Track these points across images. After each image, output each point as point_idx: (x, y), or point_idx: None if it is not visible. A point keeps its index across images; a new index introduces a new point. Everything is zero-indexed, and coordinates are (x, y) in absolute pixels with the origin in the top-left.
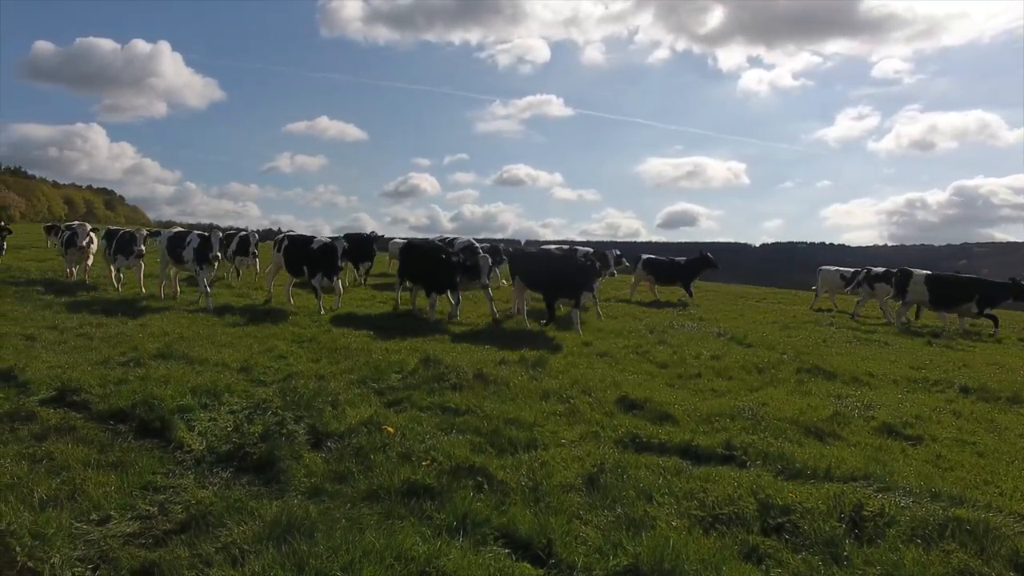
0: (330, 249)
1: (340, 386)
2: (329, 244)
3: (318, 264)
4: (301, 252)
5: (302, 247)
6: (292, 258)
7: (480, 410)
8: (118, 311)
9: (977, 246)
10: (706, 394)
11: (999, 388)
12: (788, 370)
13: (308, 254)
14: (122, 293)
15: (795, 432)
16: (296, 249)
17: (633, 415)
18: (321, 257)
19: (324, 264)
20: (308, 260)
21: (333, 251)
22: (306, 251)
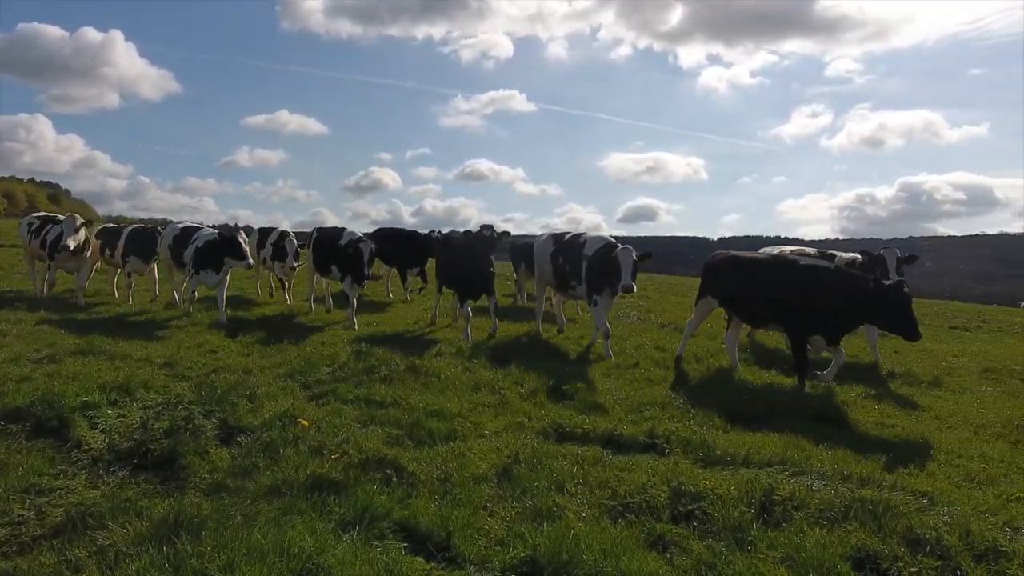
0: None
1: (264, 380)
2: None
3: (350, 265)
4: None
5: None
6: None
7: (405, 402)
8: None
9: (921, 240)
10: (641, 384)
11: (922, 373)
12: (726, 359)
13: (336, 252)
14: (127, 306)
15: (724, 420)
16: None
17: (564, 405)
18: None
19: (355, 265)
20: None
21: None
22: (334, 248)
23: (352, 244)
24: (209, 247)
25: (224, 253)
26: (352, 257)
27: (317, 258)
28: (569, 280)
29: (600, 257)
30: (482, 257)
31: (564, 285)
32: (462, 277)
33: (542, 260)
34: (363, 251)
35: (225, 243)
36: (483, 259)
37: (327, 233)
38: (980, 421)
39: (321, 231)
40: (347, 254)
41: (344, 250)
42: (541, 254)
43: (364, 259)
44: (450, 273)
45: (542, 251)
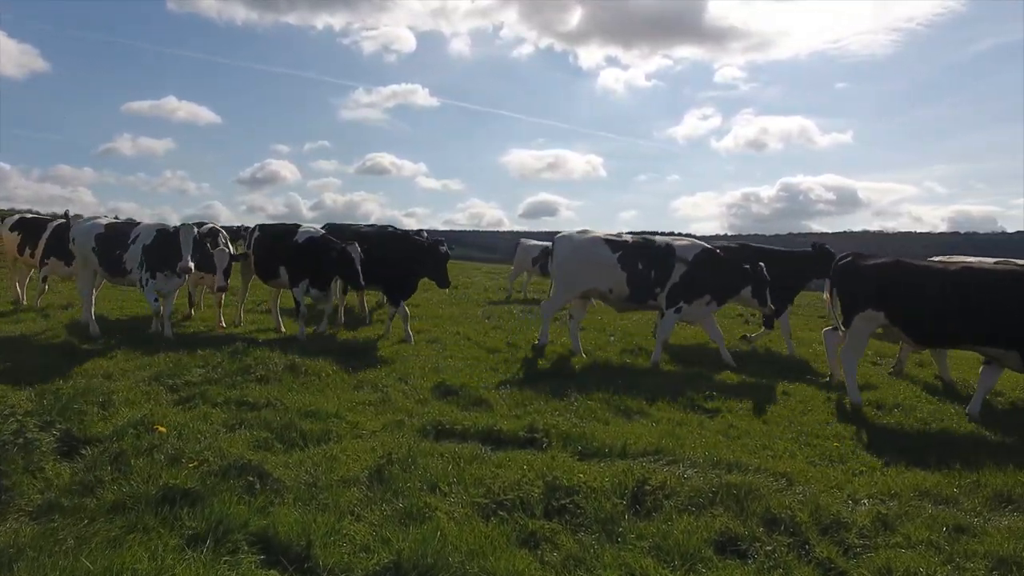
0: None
1: (125, 384)
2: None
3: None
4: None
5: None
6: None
7: (280, 403)
8: None
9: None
10: (530, 377)
11: (786, 359)
12: (613, 351)
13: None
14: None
15: (605, 412)
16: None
17: (447, 401)
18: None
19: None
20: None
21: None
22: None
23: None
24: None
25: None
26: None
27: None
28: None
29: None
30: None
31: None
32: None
33: None
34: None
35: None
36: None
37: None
38: (838, 403)
39: (266, 228)
40: (329, 259)
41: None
42: None
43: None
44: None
45: None
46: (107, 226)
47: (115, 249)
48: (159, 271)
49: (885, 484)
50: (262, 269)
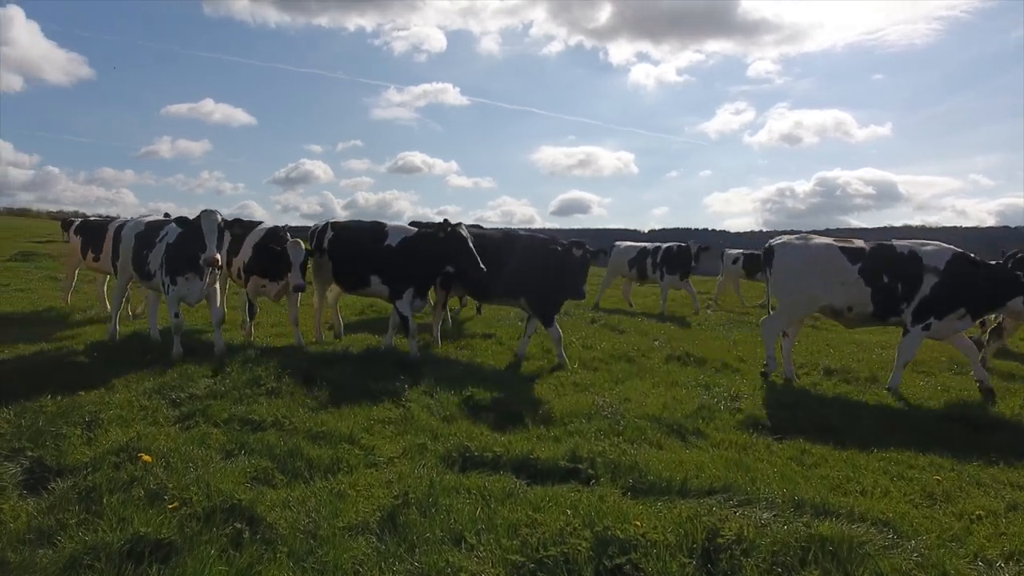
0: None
1: (120, 398)
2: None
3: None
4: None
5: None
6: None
7: (288, 422)
8: None
9: (836, 231)
10: (566, 389)
11: (858, 368)
12: (658, 358)
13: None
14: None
15: (656, 432)
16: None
17: (476, 419)
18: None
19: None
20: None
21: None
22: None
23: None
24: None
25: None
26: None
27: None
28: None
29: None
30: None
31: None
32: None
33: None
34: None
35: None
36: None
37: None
38: (922, 420)
39: (343, 227)
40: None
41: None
42: None
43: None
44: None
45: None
46: (147, 224)
47: (144, 248)
48: (180, 274)
49: (1018, 537)
50: (345, 277)
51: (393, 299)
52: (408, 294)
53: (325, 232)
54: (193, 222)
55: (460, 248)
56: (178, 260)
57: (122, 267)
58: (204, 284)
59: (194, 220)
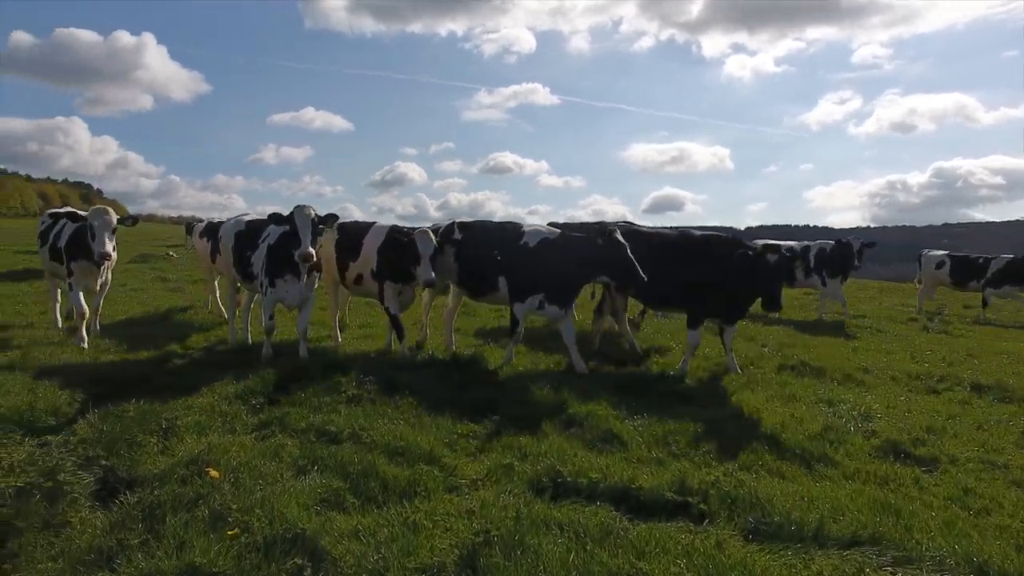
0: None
1: (203, 402)
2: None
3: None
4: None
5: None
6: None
7: (366, 434)
8: None
9: (957, 227)
10: (671, 402)
11: (1018, 385)
12: (769, 367)
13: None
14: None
15: (774, 457)
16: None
17: (570, 434)
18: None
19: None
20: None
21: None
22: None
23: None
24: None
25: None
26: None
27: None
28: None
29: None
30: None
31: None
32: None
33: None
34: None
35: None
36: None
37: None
38: None
39: (471, 227)
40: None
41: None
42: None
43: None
44: None
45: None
46: (248, 223)
47: (246, 249)
48: (279, 276)
49: None
50: (471, 279)
51: (512, 301)
52: (533, 300)
53: (451, 232)
54: (287, 218)
55: (616, 255)
56: (278, 262)
57: (225, 268)
58: (303, 286)
59: (287, 216)
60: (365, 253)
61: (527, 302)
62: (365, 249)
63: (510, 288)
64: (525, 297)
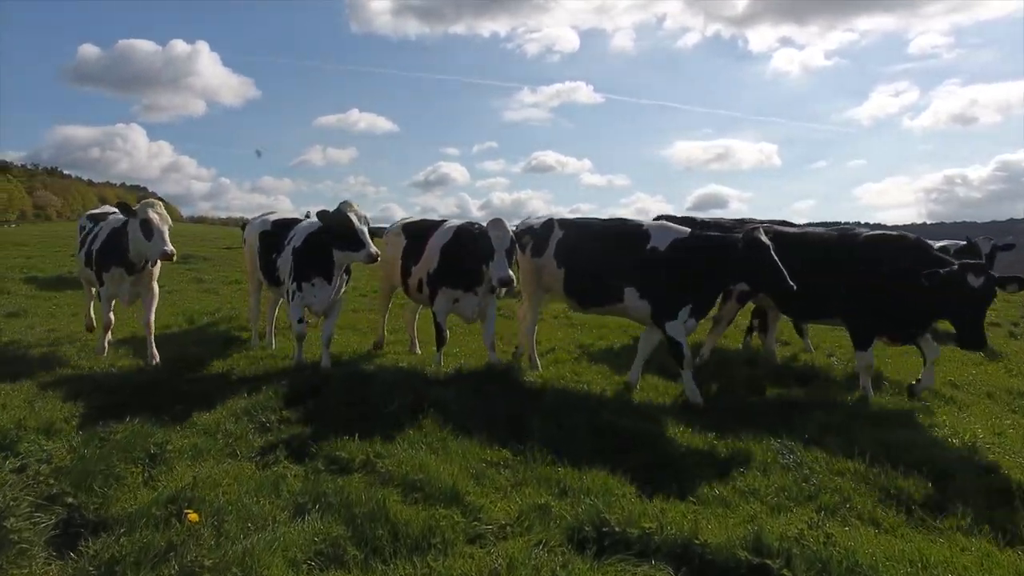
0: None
1: (209, 418)
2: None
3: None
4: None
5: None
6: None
7: (381, 462)
8: None
9: (1022, 222)
10: (729, 421)
11: None
12: (839, 378)
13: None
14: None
15: (870, 499)
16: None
17: (617, 462)
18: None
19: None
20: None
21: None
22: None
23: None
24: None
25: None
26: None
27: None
28: None
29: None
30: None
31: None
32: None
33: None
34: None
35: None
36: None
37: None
38: None
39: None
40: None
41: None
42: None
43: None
44: None
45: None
46: (275, 223)
47: (272, 251)
48: (306, 280)
49: None
50: (583, 289)
51: (660, 320)
52: (684, 313)
53: (550, 231)
54: (335, 215)
55: (759, 259)
56: (308, 264)
57: (250, 271)
58: (332, 291)
59: (334, 213)
60: (428, 254)
61: (680, 317)
62: (429, 249)
63: (653, 303)
64: (676, 312)
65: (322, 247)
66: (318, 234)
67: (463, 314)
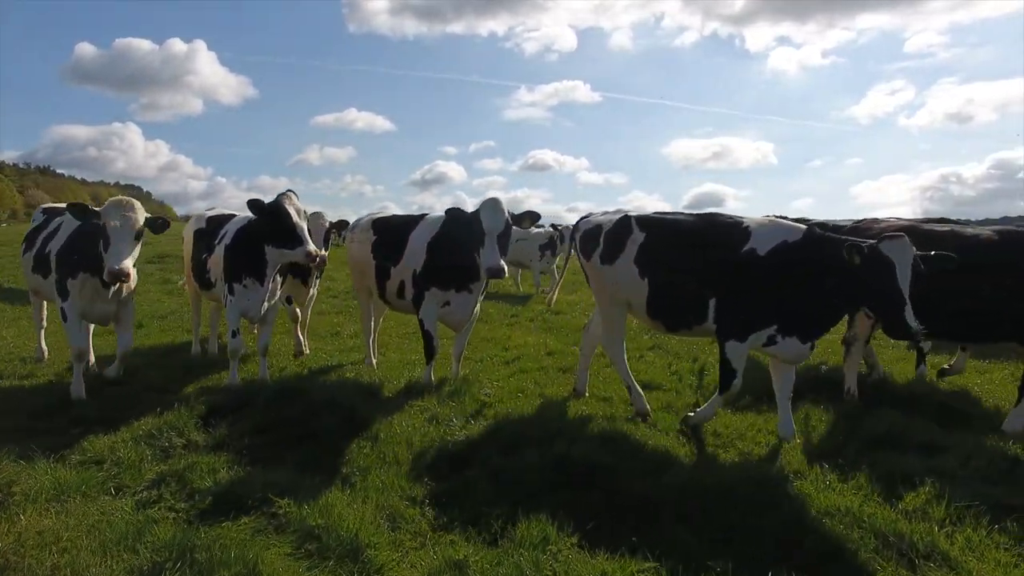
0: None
1: (100, 447)
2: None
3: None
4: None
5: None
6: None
7: (281, 502)
8: None
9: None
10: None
11: None
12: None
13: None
14: None
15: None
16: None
17: (570, 501)
18: None
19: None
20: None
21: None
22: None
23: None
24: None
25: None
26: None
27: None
28: None
29: None
30: None
31: None
32: None
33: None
34: None
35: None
36: None
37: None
38: None
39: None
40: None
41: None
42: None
43: None
44: None
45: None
46: (209, 219)
47: (202, 252)
48: (237, 281)
49: None
50: (669, 306)
51: (724, 336)
52: (760, 335)
53: (627, 230)
54: (270, 210)
55: (883, 273)
56: (241, 262)
57: (188, 274)
58: (266, 294)
59: (268, 205)
60: (412, 251)
61: (750, 339)
62: (412, 245)
63: (719, 315)
64: (747, 331)
65: (254, 243)
66: (250, 229)
67: (455, 318)
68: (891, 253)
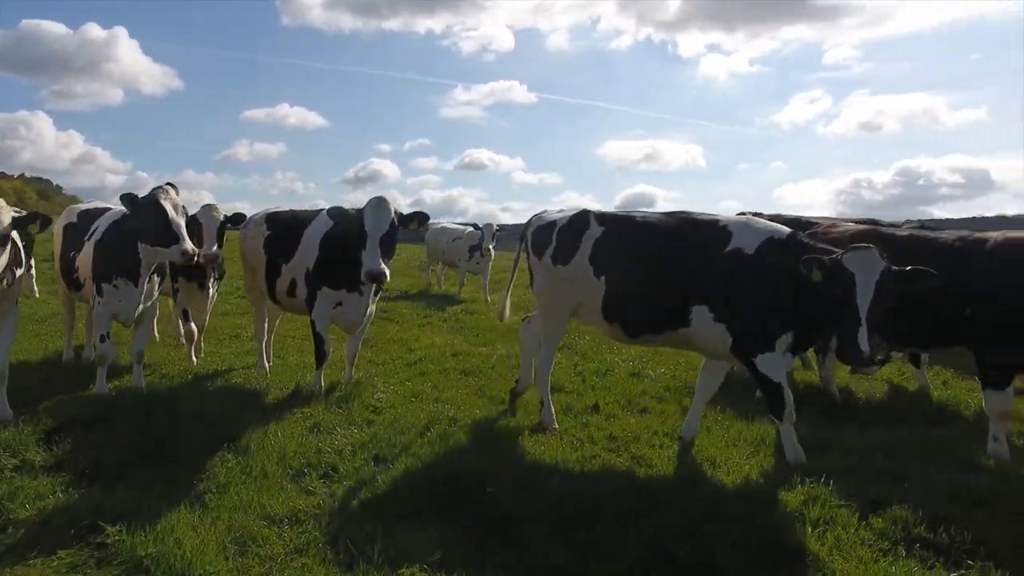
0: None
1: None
2: None
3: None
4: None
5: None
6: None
7: (114, 528)
8: None
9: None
10: (597, 446)
11: None
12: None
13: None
14: None
15: None
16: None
17: (447, 513)
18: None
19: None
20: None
21: None
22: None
23: None
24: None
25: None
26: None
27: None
28: None
29: None
30: None
31: None
32: None
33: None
34: None
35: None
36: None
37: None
38: None
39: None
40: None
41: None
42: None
43: None
44: None
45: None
46: (80, 213)
47: (71, 249)
48: (106, 281)
49: None
50: (633, 310)
51: (747, 352)
52: (781, 343)
53: (584, 226)
54: (144, 204)
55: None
56: (109, 261)
57: (58, 274)
58: (140, 295)
59: (143, 198)
60: (304, 247)
61: (777, 348)
62: (305, 241)
63: (730, 327)
64: (771, 341)
65: (126, 240)
66: (122, 224)
67: (347, 320)
68: (853, 267)
